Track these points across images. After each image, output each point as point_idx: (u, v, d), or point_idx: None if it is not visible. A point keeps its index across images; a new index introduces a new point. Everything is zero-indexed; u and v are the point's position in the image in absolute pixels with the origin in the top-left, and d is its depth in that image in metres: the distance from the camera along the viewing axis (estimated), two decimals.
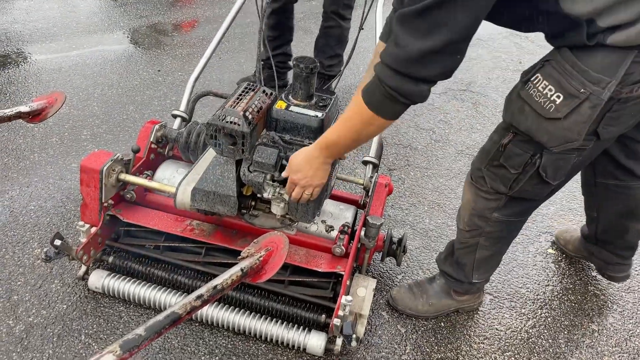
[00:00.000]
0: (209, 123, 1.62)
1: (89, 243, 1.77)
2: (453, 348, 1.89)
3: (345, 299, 1.60)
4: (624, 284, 2.22)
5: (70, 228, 2.14)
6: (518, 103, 1.44)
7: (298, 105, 1.73)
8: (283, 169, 1.65)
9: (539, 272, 2.25)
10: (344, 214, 1.91)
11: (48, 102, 1.98)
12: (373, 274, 2.12)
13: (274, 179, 1.68)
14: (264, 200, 1.83)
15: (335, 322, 1.60)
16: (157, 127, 1.95)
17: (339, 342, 1.71)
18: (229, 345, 1.76)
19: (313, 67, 1.68)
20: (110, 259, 1.86)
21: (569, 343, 1.96)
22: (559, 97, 1.32)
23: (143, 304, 1.82)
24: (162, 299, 1.78)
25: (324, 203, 1.87)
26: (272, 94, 1.76)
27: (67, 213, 2.21)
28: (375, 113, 1.34)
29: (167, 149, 2.03)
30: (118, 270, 1.87)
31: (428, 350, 1.86)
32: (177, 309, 1.14)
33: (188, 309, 1.15)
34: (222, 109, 1.63)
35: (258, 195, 1.76)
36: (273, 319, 1.76)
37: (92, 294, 1.86)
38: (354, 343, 1.62)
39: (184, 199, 1.74)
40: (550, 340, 1.97)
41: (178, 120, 2.12)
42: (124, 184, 1.86)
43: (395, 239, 1.96)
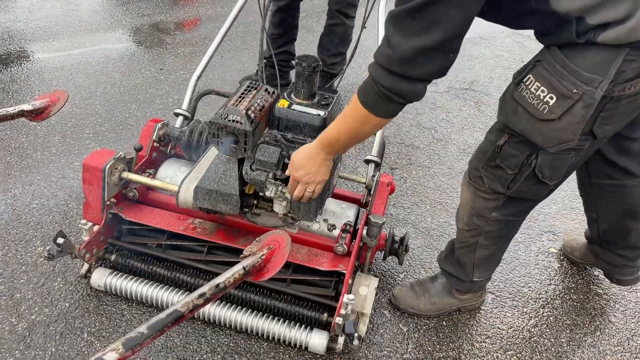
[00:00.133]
0: (212, 121, 1.62)
1: (92, 241, 1.77)
2: (455, 347, 1.89)
3: (347, 298, 1.60)
4: None
5: (73, 226, 2.15)
6: (512, 104, 1.43)
7: (300, 104, 1.73)
8: (285, 168, 1.65)
9: (541, 271, 2.25)
10: (346, 213, 1.91)
11: (51, 100, 1.99)
12: (375, 273, 2.12)
13: (276, 178, 1.68)
14: (266, 199, 1.83)
15: (337, 320, 1.60)
16: (159, 125, 1.96)
17: (341, 340, 1.72)
18: (231, 344, 1.77)
19: (315, 65, 1.68)
20: (113, 257, 1.86)
21: (571, 342, 1.96)
22: (552, 98, 1.32)
23: (145, 302, 1.82)
24: (164, 297, 1.78)
25: (326, 202, 1.87)
26: (274, 93, 1.76)
27: (69, 211, 2.22)
28: (371, 112, 1.34)
29: (169, 148, 2.04)
30: (120, 269, 1.87)
31: (430, 349, 1.86)
32: (179, 307, 1.14)
33: (190, 307, 1.16)
34: (224, 108, 1.63)
35: (260, 194, 1.76)
36: (275, 318, 1.76)
37: (94, 292, 1.87)
38: (356, 342, 1.62)
39: (187, 198, 1.74)
40: (553, 340, 1.96)
41: (180, 119, 2.12)
42: (127, 183, 1.87)
43: (397, 238, 1.96)
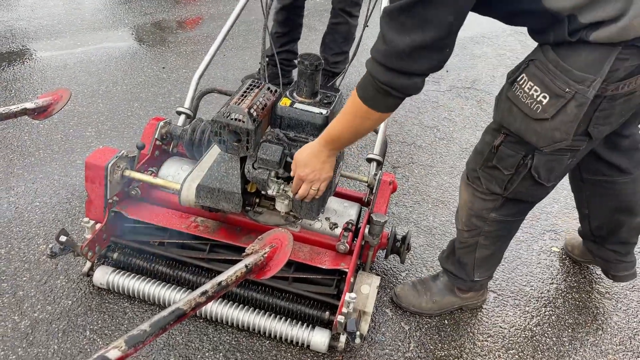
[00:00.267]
0: (214, 120, 1.62)
1: (94, 239, 1.77)
2: (457, 345, 1.89)
3: (349, 296, 1.60)
4: (629, 283, 2.21)
5: (76, 224, 2.15)
6: (506, 104, 1.44)
7: (302, 103, 1.73)
8: (287, 166, 1.65)
9: (543, 270, 2.25)
10: (348, 212, 1.91)
11: (53, 99, 2.00)
12: (377, 272, 2.12)
13: (279, 176, 1.69)
14: (268, 197, 1.83)
15: (339, 319, 1.61)
16: (161, 124, 1.96)
17: (343, 339, 1.72)
18: (233, 342, 1.77)
19: (318, 64, 1.68)
20: (115, 255, 1.87)
21: (573, 341, 1.96)
22: (545, 97, 1.32)
23: (147, 300, 1.83)
24: (166, 296, 1.78)
25: (328, 200, 1.87)
26: (276, 91, 1.76)
27: (72, 209, 2.22)
28: (370, 107, 1.35)
29: (171, 146, 2.04)
30: (123, 267, 1.87)
31: (432, 348, 1.86)
32: (181, 305, 1.14)
33: (193, 305, 1.16)
34: (226, 106, 1.63)
35: (262, 192, 1.76)
36: (277, 316, 1.77)
37: (97, 290, 1.87)
38: (358, 340, 1.63)
39: (189, 196, 1.74)
40: (554, 339, 1.96)
41: (182, 117, 2.12)
42: (129, 181, 1.87)
43: (399, 237, 1.96)
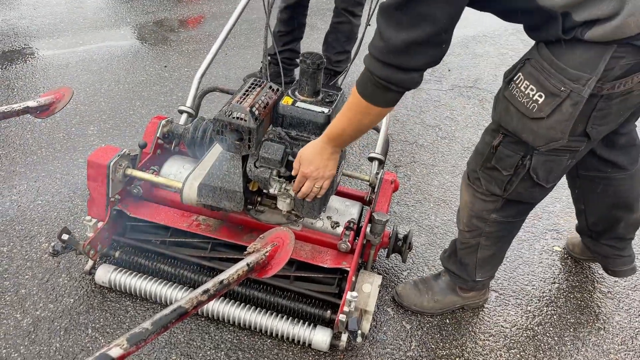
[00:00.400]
0: (216, 119, 1.62)
1: (96, 238, 1.78)
2: (458, 345, 1.89)
3: (351, 295, 1.60)
4: (631, 282, 2.21)
5: (78, 223, 2.15)
6: (504, 103, 1.44)
7: (304, 101, 1.73)
8: (289, 165, 1.65)
9: (545, 269, 2.25)
10: (350, 210, 1.91)
11: (55, 97, 2.00)
12: (378, 271, 2.12)
13: (280, 175, 1.69)
14: (270, 196, 1.84)
15: (341, 317, 1.61)
16: (163, 122, 1.96)
17: (344, 337, 1.72)
18: (235, 340, 1.77)
19: (320, 63, 1.68)
20: (117, 254, 1.87)
21: (575, 341, 1.96)
22: (541, 96, 1.32)
23: (149, 299, 1.83)
24: (168, 294, 1.78)
25: (330, 199, 1.87)
26: (278, 90, 1.76)
27: (74, 208, 2.22)
28: (370, 103, 1.35)
29: (173, 145, 2.04)
30: (124, 265, 1.88)
31: (433, 347, 1.86)
32: (183, 304, 1.14)
33: (194, 304, 1.16)
34: (228, 105, 1.63)
35: (264, 191, 1.76)
36: (279, 315, 1.77)
37: (98, 288, 1.87)
38: (359, 339, 1.63)
39: (191, 195, 1.75)
40: (556, 338, 1.96)
41: (184, 116, 2.12)
42: (131, 179, 1.87)
43: (401, 236, 1.96)
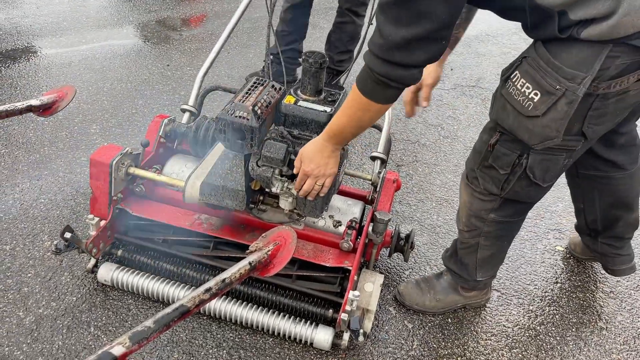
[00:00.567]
0: (218, 117, 1.63)
1: (99, 236, 1.78)
2: (460, 344, 1.89)
3: (353, 294, 1.60)
4: (633, 282, 2.21)
5: (80, 221, 2.16)
6: (500, 101, 1.44)
7: (307, 100, 1.73)
8: (291, 164, 1.65)
9: (547, 269, 2.24)
10: (352, 210, 1.91)
11: (58, 96, 2.00)
12: (380, 270, 2.12)
13: (283, 174, 1.69)
14: (272, 195, 1.84)
15: (343, 316, 1.61)
16: (166, 121, 1.96)
17: (346, 337, 1.72)
18: (237, 339, 1.77)
19: (322, 62, 1.68)
20: (119, 252, 1.87)
21: (577, 341, 1.96)
22: (537, 94, 1.33)
23: (152, 297, 1.83)
24: (170, 292, 1.79)
25: (332, 198, 1.87)
26: (281, 89, 1.76)
27: (76, 206, 2.23)
28: (370, 99, 1.35)
29: (175, 143, 2.04)
30: (127, 264, 1.88)
31: (435, 346, 1.86)
32: (185, 302, 1.14)
33: (197, 302, 1.16)
34: (231, 104, 1.63)
35: (266, 190, 1.76)
36: (281, 313, 1.77)
37: (101, 287, 1.88)
38: (361, 338, 1.63)
39: (193, 193, 1.75)
40: (558, 338, 1.96)
41: (187, 115, 2.13)
42: (133, 178, 1.87)
43: (403, 235, 1.96)
